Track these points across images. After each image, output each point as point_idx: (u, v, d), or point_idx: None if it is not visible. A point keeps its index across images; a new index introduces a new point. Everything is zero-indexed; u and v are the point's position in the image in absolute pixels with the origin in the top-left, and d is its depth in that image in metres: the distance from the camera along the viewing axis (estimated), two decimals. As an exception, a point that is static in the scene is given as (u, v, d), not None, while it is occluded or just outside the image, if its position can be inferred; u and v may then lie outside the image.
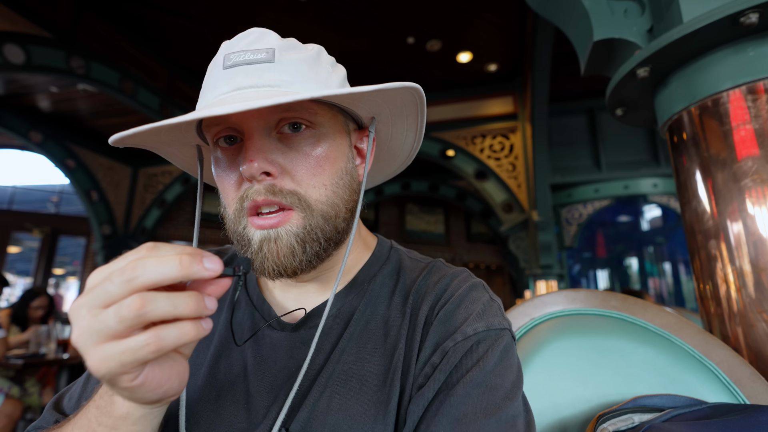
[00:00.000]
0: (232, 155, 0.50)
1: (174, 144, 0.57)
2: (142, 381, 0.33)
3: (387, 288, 0.57)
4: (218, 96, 0.47)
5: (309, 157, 0.49)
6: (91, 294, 0.31)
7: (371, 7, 3.70)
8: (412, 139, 0.63)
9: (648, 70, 1.16)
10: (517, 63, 4.54)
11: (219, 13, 3.82)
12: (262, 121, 0.47)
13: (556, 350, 0.75)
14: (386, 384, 0.48)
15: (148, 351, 0.31)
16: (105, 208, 6.09)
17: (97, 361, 0.31)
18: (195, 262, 0.32)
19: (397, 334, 0.52)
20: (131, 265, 0.31)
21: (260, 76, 0.47)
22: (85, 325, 0.31)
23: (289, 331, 0.54)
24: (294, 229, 0.48)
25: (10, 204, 6.98)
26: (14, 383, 3.14)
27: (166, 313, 0.31)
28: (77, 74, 3.90)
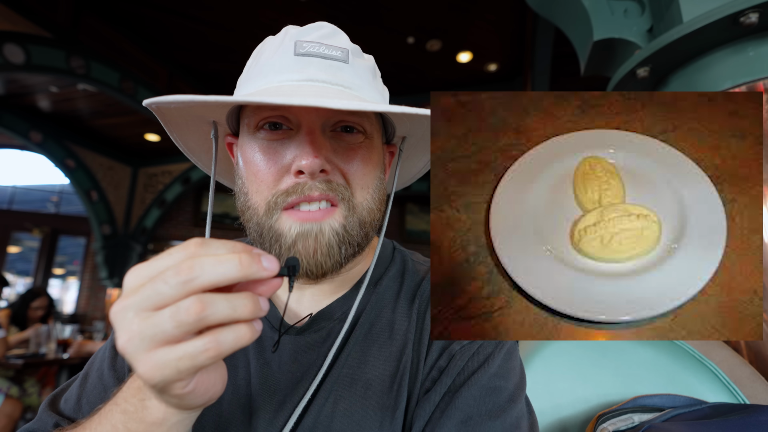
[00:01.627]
0: (277, 144, 0.47)
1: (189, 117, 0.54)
2: (193, 387, 0.31)
3: (392, 290, 0.57)
4: (286, 81, 0.46)
5: (358, 158, 0.49)
6: (139, 295, 0.29)
7: (371, 7, 3.70)
8: (422, 164, 0.64)
9: (648, 70, 1.16)
10: (517, 63, 4.54)
11: (219, 12, 3.82)
12: (323, 118, 0.47)
13: (556, 350, 0.75)
14: (393, 389, 0.47)
15: (207, 357, 0.29)
16: (105, 208, 6.09)
17: (150, 369, 0.29)
18: (254, 261, 0.30)
19: (404, 338, 0.51)
20: (187, 264, 0.28)
21: (334, 73, 0.46)
22: (135, 329, 0.28)
23: (294, 335, 0.53)
24: (335, 225, 0.46)
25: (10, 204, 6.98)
26: (14, 383, 3.14)
27: (226, 317, 0.29)
28: (77, 74, 3.90)
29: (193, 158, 0.63)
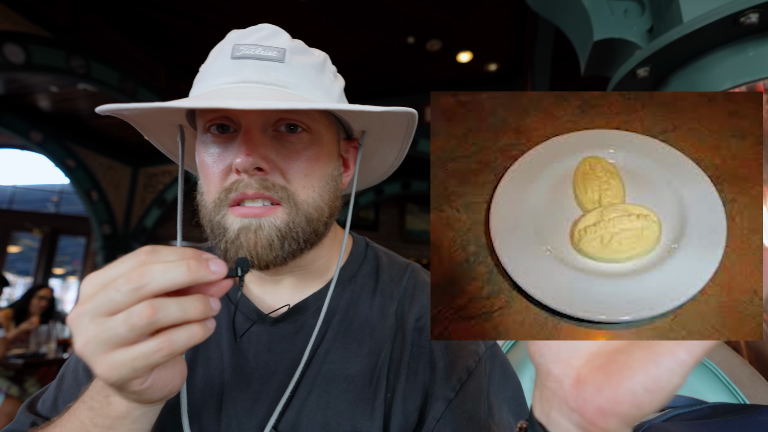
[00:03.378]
0: (223, 144, 0.49)
1: (158, 122, 0.56)
2: (151, 383, 0.34)
3: (368, 288, 0.58)
4: (222, 84, 0.47)
5: (302, 157, 0.49)
6: (93, 302, 0.31)
7: (371, 7, 3.70)
8: (394, 157, 0.65)
9: (648, 70, 1.16)
10: (517, 63, 4.54)
11: (219, 12, 3.82)
12: (262, 118, 0.48)
13: (556, 350, 0.75)
14: (372, 381, 0.50)
15: (161, 355, 0.31)
16: (105, 207, 6.09)
17: (107, 369, 0.31)
18: (202, 266, 0.32)
19: (382, 335, 0.53)
20: (137, 272, 0.31)
21: (269, 73, 0.47)
22: (90, 334, 0.30)
23: (269, 325, 0.54)
24: (277, 222, 0.48)
25: (10, 204, 6.98)
26: (14, 383, 3.14)
27: (177, 318, 0.31)
28: (77, 74, 3.90)
29: (174, 159, 0.65)
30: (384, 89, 5.07)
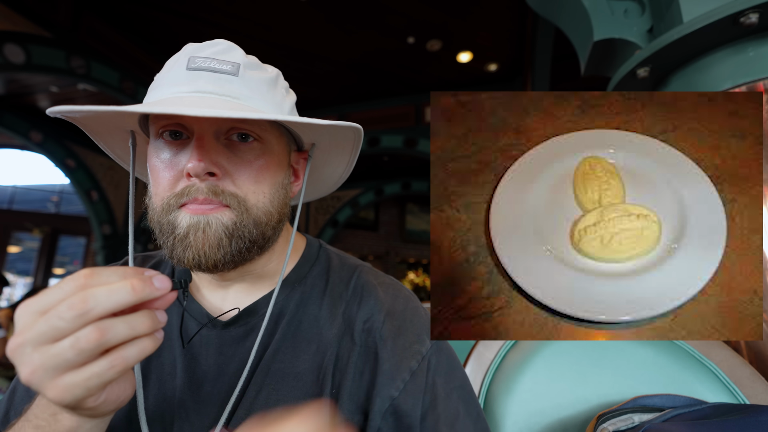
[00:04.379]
0: (175, 150, 0.50)
1: (110, 127, 0.57)
2: (105, 398, 0.34)
3: (318, 288, 0.59)
4: (177, 93, 0.48)
5: (252, 165, 0.51)
6: (34, 331, 0.30)
7: (371, 7, 3.70)
8: (342, 169, 0.66)
9: (648, 70, 1.16)
10: (518, 63, 4.54)
11: (219, 12, 3.82)
12: (214, 126, 0.49)
13: (556, 350, 0.75)
14: (318, 379, 0.51)
15: (115, 372, 0.32)
16: (105, 207, 6.09)
17: (60, 393, 0.31)
18: (146, 285, 0.33)
19: (329, 334, 0.54)
20: (80, 297, 0.30)
21: (222, 85, 0.49)
22: (36, 363, 0.30)
23: (220, 329, 0.55)
24: (224, 220, 0.48)
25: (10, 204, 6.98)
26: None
27: (126, 336, 0.32)
28: (77, 74, 3.90)
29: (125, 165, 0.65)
30: (384, 89, 5.07)
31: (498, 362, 0.77)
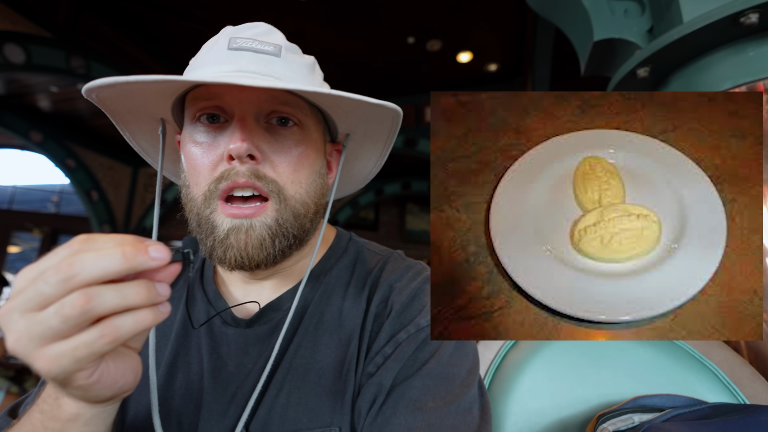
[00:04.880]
0: (213, 134, 0.49)
1: (139, 114, 0.55)
2: (98, 377, 0.31)
3: (343, 280, 0.57)
4: (219, 72, 0.47)
5: (292, 152, 0.50)
6: (21, 297, 0.29)
7: (371, 7, 3.70)
8: (372, 164, 0.65)
9: (648, 70, 1.16)
10: (518, 63, 4.54)
11: (219, 12, 3.82)
12: (255, 107, 0.48)
13: (556, 350, 0.75)
14: (342, 374, 0.49)
15: (104, 342, 0.29)
16: (105, 208, 6.09)
17: (47, 362, 0.29)
18: (139, 252, 0.29)
19: (353, 325, 0.52)
20: (66, 261, 0.28)
21: (265, 65, 0.48)
22: (21, 329, 0.28)
23: (243, 327, 0.54)
24: (268, 221, 0.47)
25: (10, 204, 6.98)
26: (14, 383, 3.14)
27: (115, 306, 0.29)
28: (77, 74, 3.90)
29: (148, 158, 0.64)
30: (384, 89, 5.07)
31: (498, 362, 0.77)
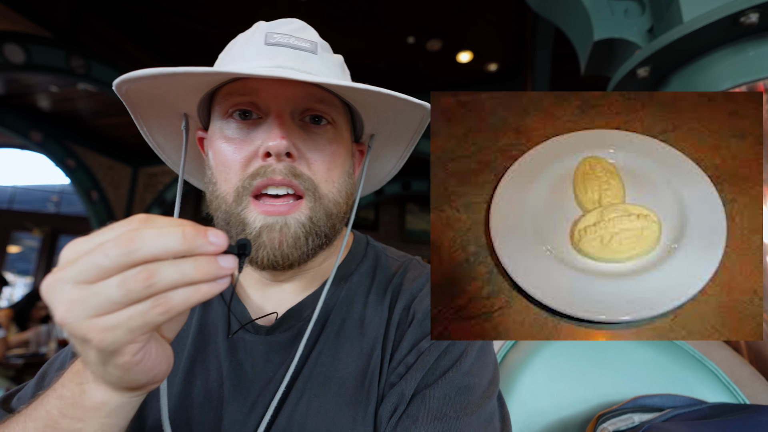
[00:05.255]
0: (246, 131, 0.48)
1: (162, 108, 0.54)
2: (142, 356, 0.31)
3: (363, 286, 0.56)
4: (257, 67, 0.46)
5: (326, 150, 0.49)
6: (75, 267, 0.28)
7: (371, 7, 3.70)
8: (392, 165, 0.65)
9: (648, 70, 1.16)
10: (518, 63, 4.54)
11: (219, 12, 3.82)
12: (292, 104, 0.47)
13: (556, 350, 0.75)
14: (365, 385, 0.47)
15: (157, 312, 0.28)
16: (105, 207, 6.09)
17: (100, 332, 0.28)
18: (200, 235, 0.29)
19: (375, 333, 0.51)
20: (127, 236, 0.27)
21: (303, 62, 0.48)
22: (75, 298, 0.27)
23: (264, 335, 0.52)
24: (302, 218, 0.47)
25: (10, 204, 6.98)
26: (14, 383, 3.14)
27: (176, 282, 0.28)
28: (77, 74, 3.90)
29: (162, 155, 0.63)
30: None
31: (498, 362, 0.77)
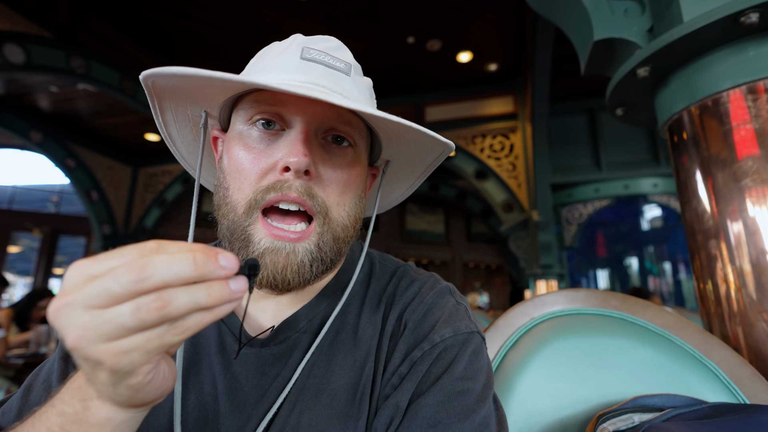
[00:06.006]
0: (267, 141, 0.48)
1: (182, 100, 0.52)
2: (154, 375, 0.31)
3: (358, 296, 0.56)
4: (291, 80, 0.46)
5: (343, 173, 0.49)
6: (85, 292, 0.27)
7: (372, 7, 3.69)
8: (401, 192, 0.64)
9: (648, 70, 1.16)
10: (518, 63, 4.54)
11: (220, 12, 3.82)
12: (318, 122, 0.47)
13: (556, 350, 0.75)
14: (356, 398, 0.47)
15: (174, 334, 0.28)
16: (105, 207, 6.09)
17: (115, 356, 0.28)
18: (210, 260, 0.29)
19: (368, 345, 0.50)
20: (139, 263, 0.27)
21: (336, 82, 0.48)
22: (87, 324, 0.27)
23: (258, 347, 0.51)
24: (310, 246, 0.46)
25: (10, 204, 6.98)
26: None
27: (189, 310, 0.29)
28: (77, 74, 3.90)
29: (172, 147, 0.62)
30: (384, 89, 5.07)
31: (498, 362, 0.77)
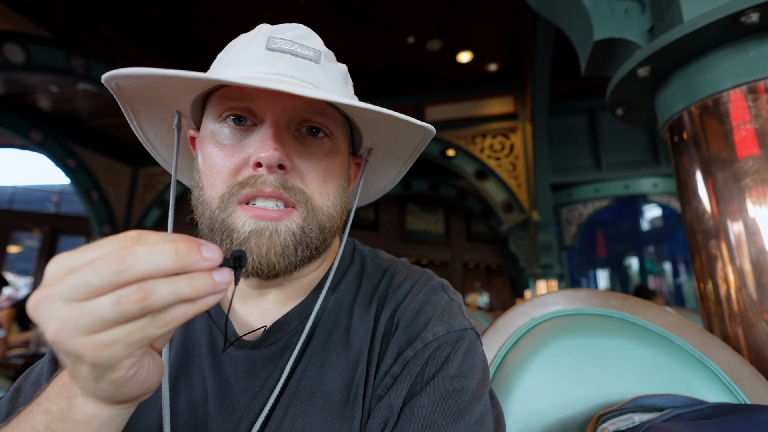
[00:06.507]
0: (239, 137, 0.47)
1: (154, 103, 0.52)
2: (137, 370, 0.30)
3: (349, 295, 0.55)
4: (257, 73, 0.45)
5: (321, 163, 0.48)
6: (64, 285, 0.27)
7: (371, 7, 3.70)
8: (388, 180, 0.63)
9: (648, 70, 1.16)
10: (518, 63, 4.54)
11: (219, 12, 3.82)
12: (289, 114, 0.46)
13: (556, 350, 0.75)
14: (350, 399, 0.46)
15: (156, 326, 0.28)
16: (105, 207, 6.09)
17: (96, 349, 0.27)
18: (192, 251, 0.28)
19: (360, 345, 0.49)
20: (119, 254, 0.27)
21: (304, 71, 0.46)
22: (67, 318, 0.26)
23: (249, 349, 0.50)
24: (293, 227, 0.45)
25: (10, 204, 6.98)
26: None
27: (171, 301, 0.28)
28: (77, 74, 3.90)
29: (152, 151, 0.61)
30: (384, 89, 5.07)
31: (498, 362, 0.77)
